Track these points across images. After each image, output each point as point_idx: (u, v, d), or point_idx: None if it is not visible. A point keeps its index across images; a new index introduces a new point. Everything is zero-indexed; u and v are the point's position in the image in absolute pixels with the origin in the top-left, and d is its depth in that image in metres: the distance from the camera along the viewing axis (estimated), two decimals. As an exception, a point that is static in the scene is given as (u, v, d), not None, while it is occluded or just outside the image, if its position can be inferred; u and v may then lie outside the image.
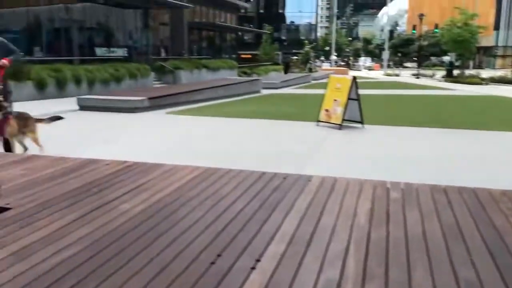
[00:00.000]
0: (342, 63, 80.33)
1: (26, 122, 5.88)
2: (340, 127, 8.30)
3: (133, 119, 9.67)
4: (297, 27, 73.91)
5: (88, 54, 22.49)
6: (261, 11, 68.74)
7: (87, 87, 16.14)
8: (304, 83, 27.67)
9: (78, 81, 15.77)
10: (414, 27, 59.70)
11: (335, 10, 63.14)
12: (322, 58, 75.07)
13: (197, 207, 2.81)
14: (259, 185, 3.28)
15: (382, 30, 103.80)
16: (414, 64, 71.92)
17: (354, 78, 8.46)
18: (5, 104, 5.68)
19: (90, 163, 3.96)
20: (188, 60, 25.74)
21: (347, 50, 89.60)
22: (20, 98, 12.40)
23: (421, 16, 34.35)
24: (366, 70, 65.72)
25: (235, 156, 6.07)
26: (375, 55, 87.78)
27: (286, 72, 34.51)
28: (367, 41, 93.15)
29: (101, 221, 2.57)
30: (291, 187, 3.22)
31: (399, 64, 71.94)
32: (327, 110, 8.64)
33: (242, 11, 50.39)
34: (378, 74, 44.65)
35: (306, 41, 57.19)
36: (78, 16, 22.68)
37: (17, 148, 5.90)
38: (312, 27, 71.32)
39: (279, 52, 53.55)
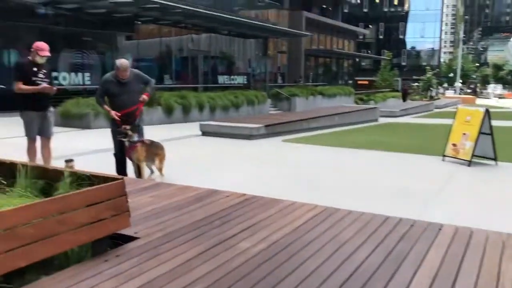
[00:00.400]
0: (468, 91, 74.89)
1: (156, 151, 6.29)
2: (469, 163, 7.59)
3: (251, 146, 9.90)
4: (418, 53, 70.73)
5: (211, 81, 23.90)
6: (381, 36, 67.23)
7: (209, 113, 17.07)
8: (426, 111, 26.26)
9: (201, 107, 16.74)
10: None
11: (461, 35, 59.26)
12: (445, 85, 70.69)
13: (316, 252, 2.68)
14: (383, 231, 3.05)
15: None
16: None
17: (487, 111, 7.71)
18: (130, 133, 6.10)
19: (212, 194, 4.06)
20: (304, 87, 25.98)
21: (474, 76, 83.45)
22: (151, 123, 13.46)
23: None
24: (496, 98, 60.33)
25: (355, 191, 5.84)
26: (507, 82, 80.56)
27: (404, 99, 33.04)
28: (498, 67, 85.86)
29: (222, 259, 2.57)
30: (419, 237, 2.95)
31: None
32: (454, 145, 7.97)
33: (361, 37, 49.78)
34: (510, 104, 40.64)
35: (428, 67, 54.45)
36: (203, 46, 24.30)
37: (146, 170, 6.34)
38: (434, 53, 67.70)
39: (398, 79, 51.67)
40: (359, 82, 47.61)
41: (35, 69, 5.98)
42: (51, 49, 6.02)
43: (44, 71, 6.07)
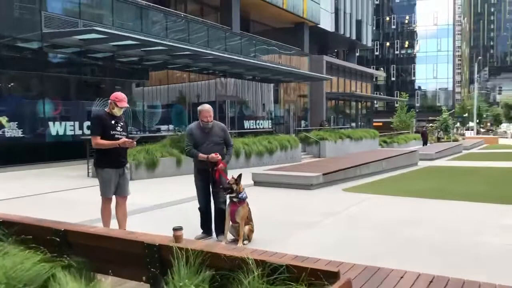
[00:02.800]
0: (482, 130, 74.36)
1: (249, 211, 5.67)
2: None
3: (313, 197, 9.23)
4: (430, 94, 70.89)
5: (238, 127, 23.54)
6: (393, 78, 67.63)
7: (244, 159, 16.51)
8: (456, 153, 25.57)
9: (237, 154, 16.19)
10: None
11: (476, 75, 59.35)
12: (457, 125, 70.43)
13: None
14: None
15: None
16: None
17: None
18: (236, 187, 5.52)
19: (364, 272, 3.39)
20: (332, 130, 25.51)
21: (484, 116, 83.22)
22: (186, 172, 12.79)
23: None
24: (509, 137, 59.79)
25: (483, 257, 5.13)
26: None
27: (425, 143, 32.34)
28: (509, 106, 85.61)
29: None
30: None
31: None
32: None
33: (375, 79, 49.90)
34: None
35: (444, 107, 54.26)
36: (229, 91, 24.11)
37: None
38: (448, 93, 67.79)
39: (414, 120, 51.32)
40: (375, 124, 47.26)
41: (113, 121, 5.46)
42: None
43: (122, 123, 5.55)
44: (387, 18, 68.90)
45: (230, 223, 5.63)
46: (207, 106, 5.87)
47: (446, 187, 10.67)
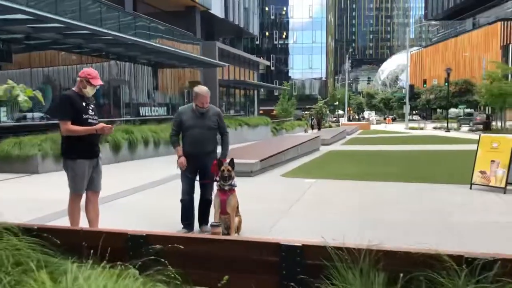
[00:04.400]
0: (357, 117, 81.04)
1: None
2: (504, 190, 7.65)
3: (260, 184, 8.96)
4: (306, 83, 75.05)
5: (134, 114, 22.17)
6: (272, 68, 70.01)
7: (153, 148, 15.57)
8: (343, 138, 27.33)
9: (146, 143, 15.19)
10: (425, 81, 60.90)
11: (348, 67, 64.23)
12: (339, 112, 75.90)
13: None
14: None
15: (384, 85, 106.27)
16: (418, 117, 72.91)
17: (516, 137, 7.94)
18: (234, 174, 5.04)
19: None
20: (231, 117, 25.42)
21: (352, 104, 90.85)
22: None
23: (448, 70, 34.67)
24: (380, 123, 66.18)
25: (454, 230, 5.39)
26: (379, 109, 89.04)
27: (319, 128, 34.28)
28: (371, 96, 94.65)
29: None
30: None
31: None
32: (483, 172, 8.03)
33: (261, 68, 51.09)
34: (399, 128, 44.59)
35: (320, 97, 57.81)
36: (124, 76, 22.52)
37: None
38: (322, 83, 72.40)
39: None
40: (260, 112, 48.52)
41: (84, 103, 4.54)
42: None
43: (92, 106, 4.66)
44: (266, 9, 70.92)
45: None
46: (204, 90, 5.23)
47: (369, 170, 11.18)
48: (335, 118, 70.19)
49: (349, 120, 61.54)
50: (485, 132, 29.18)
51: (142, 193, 8.10)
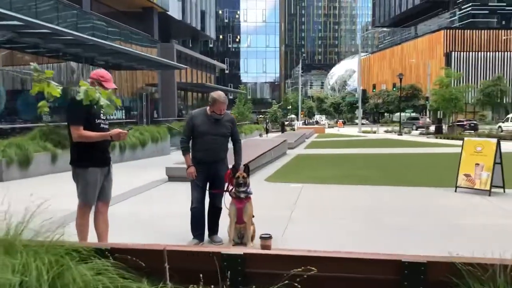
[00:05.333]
0: (311, 121, 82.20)
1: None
2: (489, 193, 7.90)
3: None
4: (259, 87, 75.36)
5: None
6: (226, 71, 69.78)
7: (118, 153, 14.97)
8: (303, 142, 27.56)
9: (112, 146, 14.54)
10: (374, 86, 62.90)
11: (300, 71, 65.14)
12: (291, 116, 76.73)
13: None
14: None
15: (333, 89, 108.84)
16: (366, 121, 75.25)
17: (499, 141, 8.21)
18: (249, 181, 4.84)
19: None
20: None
21: (303, 108, 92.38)
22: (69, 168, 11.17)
23: (400, 76, 35.92)
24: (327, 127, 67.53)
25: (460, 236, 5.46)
26: (329, 113, 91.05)
27: (283, 131, 34.62)
28: (321, 100, 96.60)
29: None
30: None
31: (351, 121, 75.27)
32: (467, 175, 8.25)
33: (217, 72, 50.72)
34: (352, 132, 45.62)
35: (274, 101, 58.23)
36: (81, 77, 21.56)
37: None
38: (275, 87, 73.00)
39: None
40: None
41: (95, 107, 4.17)
42: None
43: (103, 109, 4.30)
44: (220, 12, 70.64)
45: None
46: (223, 97, 4.96)
47: (348, 173, 11.24)
48: (287, 122, 70.97)
49: (304, 124, 62.36)
50: (436, 135, 30.48)
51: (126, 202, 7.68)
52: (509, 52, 66.03)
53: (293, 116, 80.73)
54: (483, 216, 6.54)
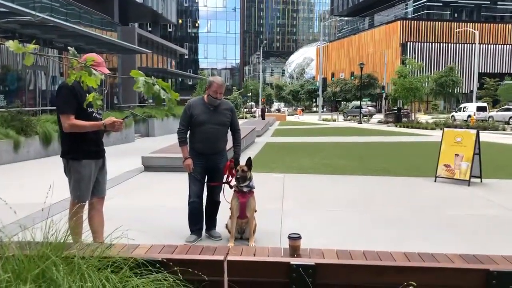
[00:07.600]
0: (273, 109, 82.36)
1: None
2: (468, 183, 8.08)
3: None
4: (219, 73, 74.64)
5: (51, 102, 20.23)
6: (186, 57, 68.51)
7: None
8: (268, 129, 27.50)
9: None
10: (332, 75, 63.67)
11: (261, 58, 64.94)
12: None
13: None
14: None
15: (291, 77, 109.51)
16: (323, 109, 76.35)
17: (478, 132, 8.38)
18: (250, 174, 4.62)
19: None
20: (156, 107, 24.27)
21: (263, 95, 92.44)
22: (28, 157, 10.76)
23: (361, 65, 36.49)
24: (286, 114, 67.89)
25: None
26: (287, 100, 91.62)
27: (263, 118, 34.80)
28: (280, 88, 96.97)
29: None
30: None
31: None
32: (447, 165, 8.40)
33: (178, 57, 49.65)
34: (313, 119, 46.00)
35: (235, 87, 57.83)
36: (38, 61, 20.43)
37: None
38: (236, 73, 72.51)
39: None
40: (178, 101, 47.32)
41: (87, 94, 3.82)
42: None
43: (96, 97, 3.95)
44: (179, -4, 69.09)
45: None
46: (219, 79, 4.77)
47: (326, 162, 11.22)
48: (246, 110, 70.80)
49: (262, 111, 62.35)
50: (396, 124, 31.25)
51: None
52: (462, 44, 68.58)
53: (252, 103, 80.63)
54: (468, 207, 6.65)
